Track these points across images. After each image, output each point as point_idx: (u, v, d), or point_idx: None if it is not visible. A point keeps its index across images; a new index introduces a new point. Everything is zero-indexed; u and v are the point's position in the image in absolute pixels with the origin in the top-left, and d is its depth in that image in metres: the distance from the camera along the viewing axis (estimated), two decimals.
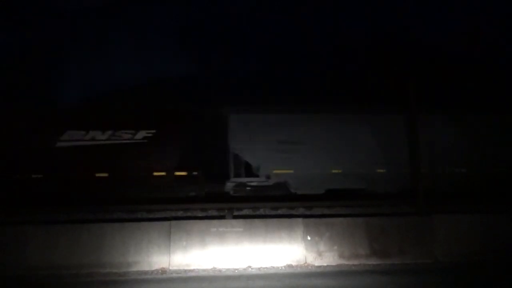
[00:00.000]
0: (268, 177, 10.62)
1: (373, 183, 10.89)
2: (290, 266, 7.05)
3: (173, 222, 7.24)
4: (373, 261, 7.22)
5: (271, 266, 7.01)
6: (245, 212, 9.53)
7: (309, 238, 7.27)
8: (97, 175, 10.28)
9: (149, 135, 10.49)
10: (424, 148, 9.89)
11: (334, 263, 7.15)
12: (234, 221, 7.47)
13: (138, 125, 10.51)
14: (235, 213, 9.30)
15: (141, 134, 10.45)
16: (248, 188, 10.73)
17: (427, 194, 8.63)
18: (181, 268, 6.88)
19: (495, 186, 10.78)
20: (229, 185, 10.68)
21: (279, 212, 9.53)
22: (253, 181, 10.74)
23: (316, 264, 7.12)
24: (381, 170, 11.03)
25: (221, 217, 8.66)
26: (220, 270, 6.87)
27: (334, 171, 10.94)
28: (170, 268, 6.86)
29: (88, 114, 10.69)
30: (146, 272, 6.75)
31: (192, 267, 6.91)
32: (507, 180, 10.81)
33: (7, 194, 9.95)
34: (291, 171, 10.81)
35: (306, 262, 7.12)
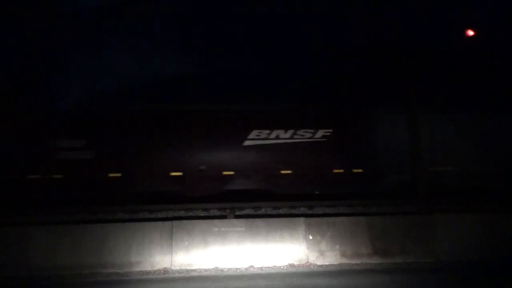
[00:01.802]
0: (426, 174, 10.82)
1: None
2: (292, 265, 7.06)
3: (175, 222, 7.25)
4: (375, 260, 7.23)
5: (273, 266, 7.02)
6: (247, 211, 9.53)
7: (311, 237, 7.27)
8: (282, 172, 10.66)
9: (327, 134, 10.86)
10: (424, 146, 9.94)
11: (336, 262, 7.16)
12: (235, 221, 7.49)
13: (317, 124, 10.90)
14: (237, 212, 9.30)
15: (320, 133, 10.84)
16: (407, 184, 10.74)
17: (429, 193, 8.63)
18: (183, 268, 6.89)
19: (497, 185, 10.78)
20: (390, 182, 10.88)
21: (281, 211, 9.53)
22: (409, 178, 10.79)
23: (318, 263, 7.13)
24: None
25: (223, 217, 8.67)
26: (222, 270, 6.88)
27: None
28: (172, 268, 6.87)
29: (272, 114, 11.08)
30: (148, 272, 6.76)
31: (194, 267, 6.92)
32: (508, 179, 10.81)
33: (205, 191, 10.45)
34: (450, 168, 10.98)
35: (308, 262, 7.13)
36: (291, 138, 10.73)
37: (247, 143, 10.65)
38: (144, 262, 6.90)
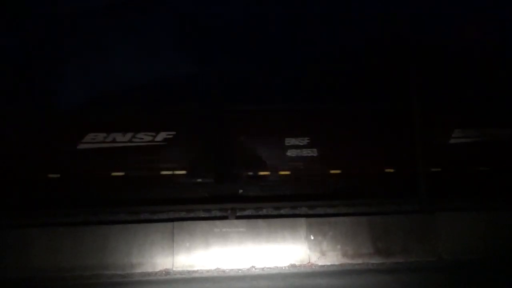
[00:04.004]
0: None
1: None
2: (293, 266, 7.04)
3: (176, 223, 7.24)
4: (376, 260, 7.21)
5: (275, 266, 7.01)
6: (248, 212, 9.53)
7: (312, 237, 7.27)
8: (481, 168, 11.23)
9: None
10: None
11: (337, 263, 7.15)
12: (237, 222, 7.48)
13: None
14: (238, 213, 9.29)
15: None
16: None
17: (430, 192, 8.61)
18: (185, 269, 6.88)
19: (499, 183, 10.77)
20: None
21: (282, 212, 9.52)
22: None
23: (320, 263, 7.11)
24: None
25: (224, 218, 8.67)
26: (223, 271, 6.87)
27: None
28: (174, 269, 6.87)
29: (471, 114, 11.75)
30: (149, 274, 6.76)
31: (195, 268, 6.91)
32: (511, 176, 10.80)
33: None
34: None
35: (309, 262, 7.12)
36: (486, 136, 11.41)
37: (452, 141, 11.37)
38: (146, 264, 6.89)
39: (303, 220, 7.46)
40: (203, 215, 9.36)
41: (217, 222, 7.37)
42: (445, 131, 11.44)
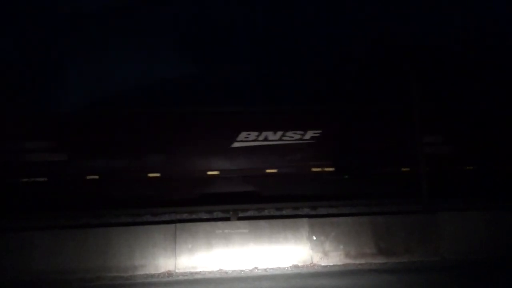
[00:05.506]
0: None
1: None
2: (296, 266, 7.05)
3: (178, 225, 7.24)
4: (379, 260, 7.22)
5: (277, 267, 7.02)
6: (250, 213, 9.51)
7: (314, 238, 7.26)
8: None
9: None
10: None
11: (340, 263, 7.15)
12: (239, 223, 7.48)
13: None
14: (240, 214, 9.28)
15: None
16: None
17: (432, 192, 8.59)
18: (187, 270, 6.88)
19: (501, 183, 10.76)
20: None
21: (284, 212, 9.50)
22: None
23: (322, 264, 7.11)
24: None
25: (226, 219, 8.65)
26: (226, 272, 6.88)
27: None
28: (176, 270, 6.87)
29: None
30: (152, 275, 6.76)
31: (198, 269, 6.91)
32: None
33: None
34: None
35: (312, 262, 7.12)
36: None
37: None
38: (148, 265, 6.90)
39: (305, 220, 7.46)
40: (205, 217, 9.34)
41: (219, 223, 7.38)
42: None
